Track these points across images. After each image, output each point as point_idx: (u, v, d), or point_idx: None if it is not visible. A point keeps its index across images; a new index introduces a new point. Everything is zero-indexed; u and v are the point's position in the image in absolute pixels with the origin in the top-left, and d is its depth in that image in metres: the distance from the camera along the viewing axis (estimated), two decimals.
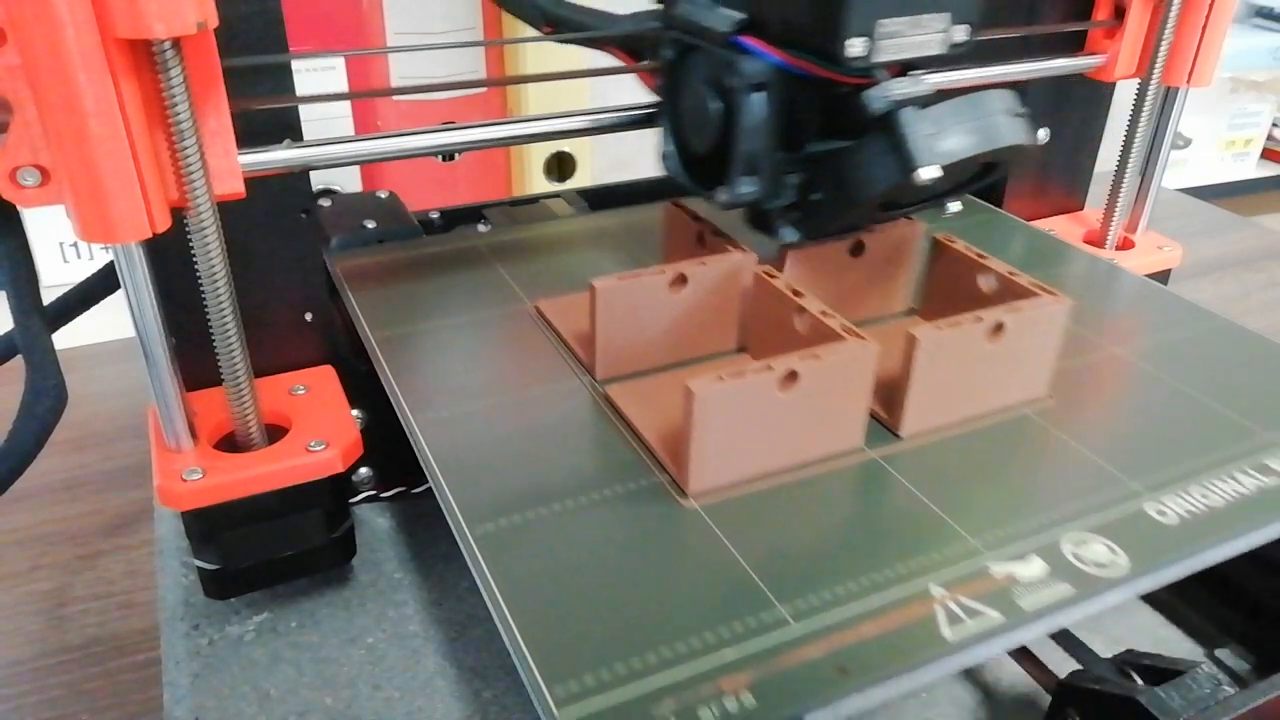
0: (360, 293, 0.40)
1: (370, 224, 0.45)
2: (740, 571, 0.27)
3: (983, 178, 0.35)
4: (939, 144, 0.31)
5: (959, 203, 0.36)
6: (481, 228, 0.48)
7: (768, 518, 0.29)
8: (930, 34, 0.30)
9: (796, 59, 0.31)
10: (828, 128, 0.34)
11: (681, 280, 0.35)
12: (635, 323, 0.35)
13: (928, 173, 0.30)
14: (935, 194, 0.35)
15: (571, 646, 0.25)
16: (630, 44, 0.39)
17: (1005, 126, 0.32)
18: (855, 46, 0.29)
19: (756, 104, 0.32)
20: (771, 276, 0.35)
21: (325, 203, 0.47)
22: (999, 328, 0.33)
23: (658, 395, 0.34)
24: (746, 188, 0.33)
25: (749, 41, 0.32)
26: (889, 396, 0.33)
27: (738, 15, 0.32)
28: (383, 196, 0.48)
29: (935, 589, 0.26)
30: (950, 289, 0.38)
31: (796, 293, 0.34)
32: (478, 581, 0.27)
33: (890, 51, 0.30)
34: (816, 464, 0.31)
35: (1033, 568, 0.27)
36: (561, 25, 0.41)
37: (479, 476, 0.30)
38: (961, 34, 0.31)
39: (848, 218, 0.35)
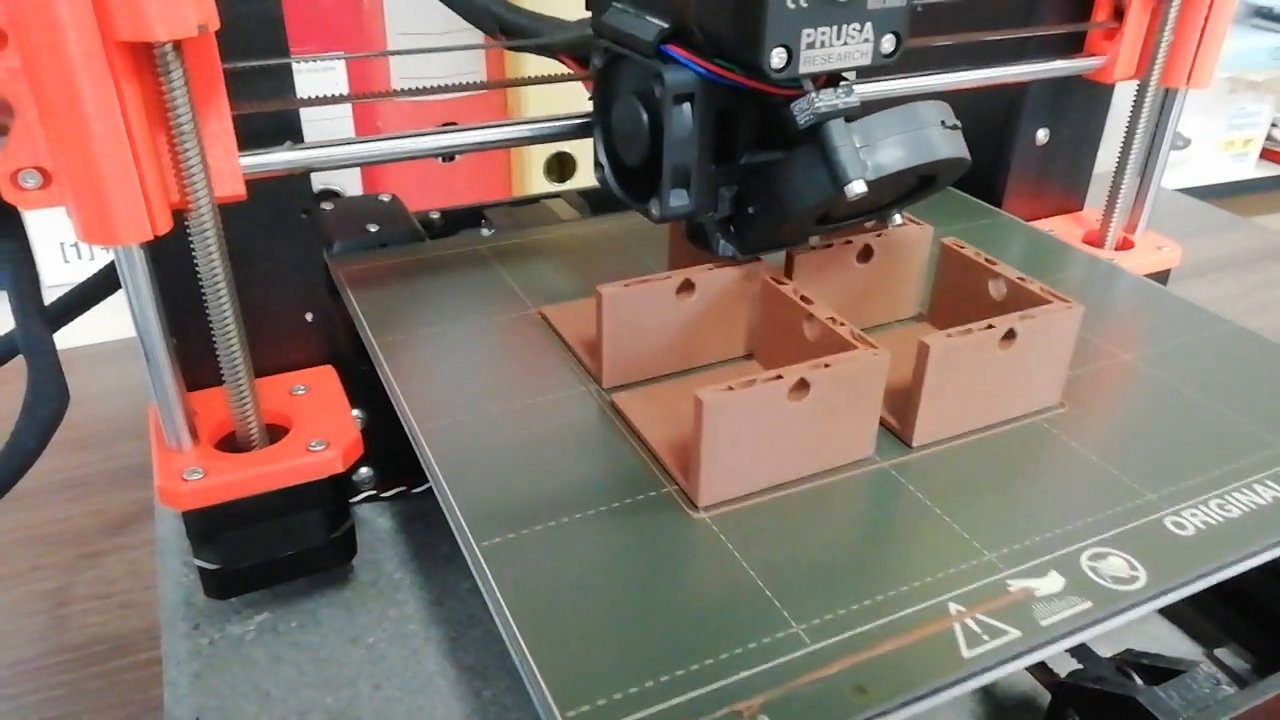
0: (363, 297, 0.40)
1: (373, 228, 0.45)
2: (753, 587, 0.27)
3: (922, 190, 0.35)
4: (869, 158, 0.30)
5: (899, 216, 0.35)
6: (484, 231, 0.47)
7: (779, 530, 0.29)
8: (856, 44, 0.30)
9: (722, 69, 0.31)
10: (762, 139, 0.33)
11: (689, 287, 0.35)
12: (642, 330, 0.35)
13: (856, 188, 0.30)
14: (875, 207, 0.35)
15: (583, 667, 0.24)
16: (575, 51, 0.39)
17: (938, 139, 0.31)
18: (777, 57, 0.29)
19: (683, 115, 0.31)
20: (780, 283, 0.35)
21: (327, 206, 0.47)
22: (1011, 335, 0.32)
23: (665, 403, 0.34)
24: (678, 201, 0.33)
25: (675, 51, 0.31)
26: (900, 405, 0.33)
27: (664, 24, 0.31)
28: (385, 200, 0.48)
29: (953, 606, 0.26)
30: (959, 295, 0.37)
31: (805, 299, 0.33)
32: (486, 597, 0.26)
33: (814, 62, 0.29)
34: (827, 474, 0.31)
35: (1051, 583, 0.27)
36: (513, 32, 0.41)
37: (485, 488, 0.30)
38: (889, 44, 0.30)
39: (784, 231, 0.34)
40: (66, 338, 0.36)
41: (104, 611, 0.43)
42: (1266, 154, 1.31)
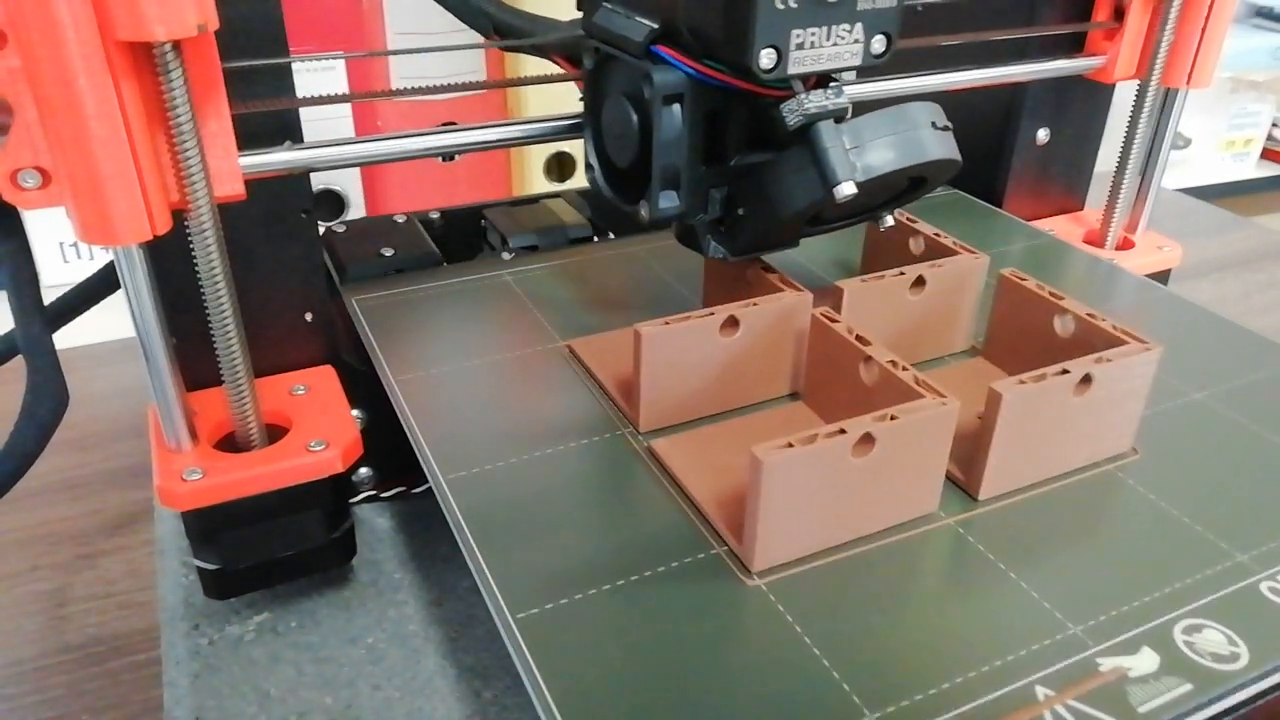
0: (380, 332, 0.38)
1: (388, 251, 0.43)
2: (818, 666, 0.24)
3: (913, 192, 0.34)
4: (859, 160, 0.30)
5: (891, 218, 0.35)
6: (505, 255, 0.45)
7: (842, 599, 0.27)
8: (846, 45, 0.29)
9: (711, 70, 0.30)
10: (754, 140, 0.33)
11: (733, 324, 0.33)
12: (682, 370, 0.33)
13: (845, 189, 0.29)
14: (867, 209, 0.35)
15: None
16: (569, 52, 0.38)
17: (929, 141, 0.31)
18: (767, 58, 0.28)
19: (673, 116, 0.31)
20: (832, 320, 0.33)
21: (339, 229, 0.45)
22: (1087, 380, 0.30)
23: (708, 451, 0.32)
24: (668, 202, 0.32)
25: (665, 52, 0.31)
26: (964, 455, 0.30)
27: (653, 25, 0.31)
28: (399, 220, 0.46)
29: (1040, 690, 0.24)
30: (1019, 329, 0.35)
31: (862, 340, 0.31)
32: (522, 674, 0.24)
33: (804, 63, 0.29)
34: (889, 533, 0.29)
35: (1144, 660, 0.25)
36: (506, 32, 0.40)
37: (518, 550, 0.28)
38: (880, 44, 0.30)
39: (775, 233, 0.34)
40: (66, 338, 0.36)
41: (103, 612, 0.43)
42: (1267, 154, 1.31)
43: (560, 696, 0.23)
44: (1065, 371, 0.30)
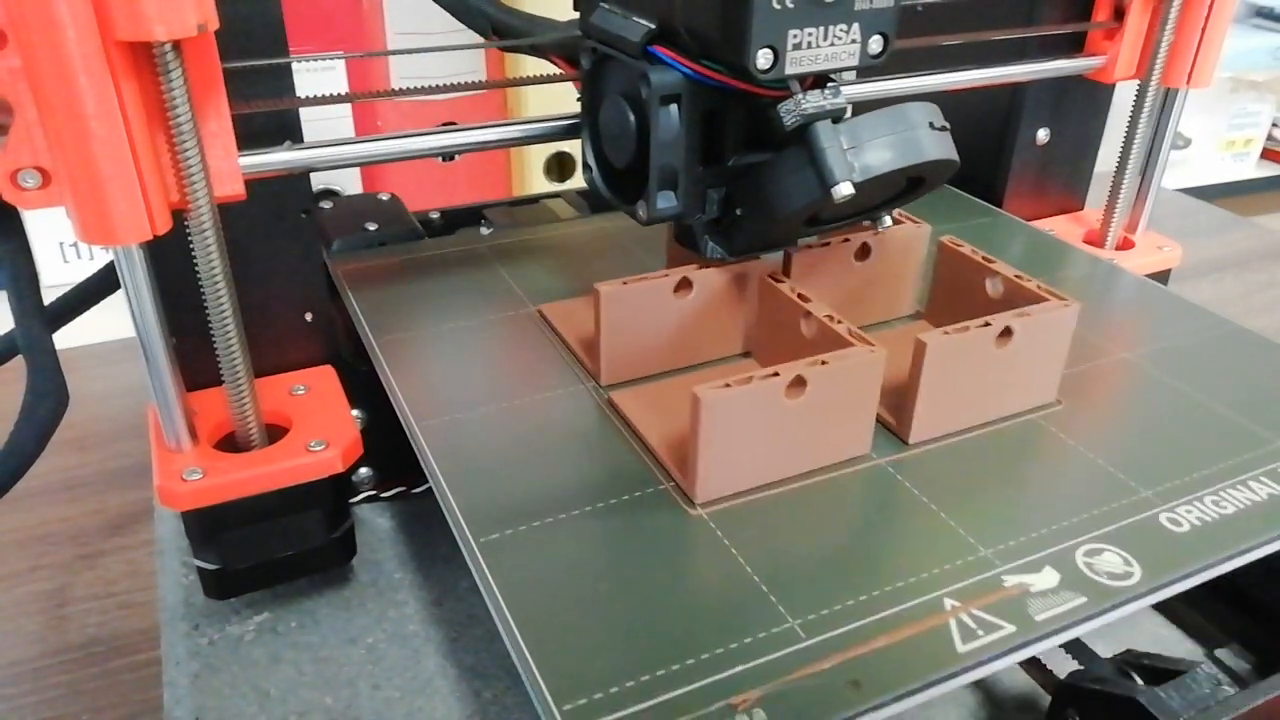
0: (362, 296, 0.40)
1: (372, 226, 0.45)
2: (750, 583, 0.27)
3: (911, 192, 0.34)
4: (856, 160, 0.30)
5: (889, 218, 0.35)
6: (483, 230, 0.48)
7: (776, 527, 0.29)
8: (843, 45, 0.29)
9: (708, 70, 0.30)
10: (751, 140, 0.33)
11: (686, 285, 0.35)
12: (640, 328, 0.35)
13: (843, 190, 0.29)
14: (864, 209, 0.34)
15: (579, 661, 0.24)
16: (566, 52, 0.39)
17: (927, 141, 0.31)
18: (764, 58, 0.28)
19: (670, 116, 0.31)
20: (777, 281, 0.35)
21: (326, 205, 0.47)
22: (1007, 333, 0.32)
23: (663, 401, 0.34)
24: (665, 203, 0.32)
25: (662, 52, 0.31)
26: (897, 403, 0.33)
27: (650, 25, 0.31)
28: (384, 199, 0.48)
29: (948, 601, 0.26)
30: (957, 293, 0.38)
31: (803, 297, 0.33)
32: (483, 593, 0.27)
33: (801, 63, 0.29)
34: (824, 472, 0.31)
35: (1045, 578, 0.27)
36: (505, 32, 0.40)
37: (483, 485, 0.30)
38: (877, 45, 0.30)
39: (773, 233, 0.34)
40: (66, 338, 0.36)
41: (103, 612, 0.43)
42: (1267, 154, 1.31)
43: (514, 606, 0.26)
44: (987, 324, 0.32)
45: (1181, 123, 0.50)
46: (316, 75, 0.69)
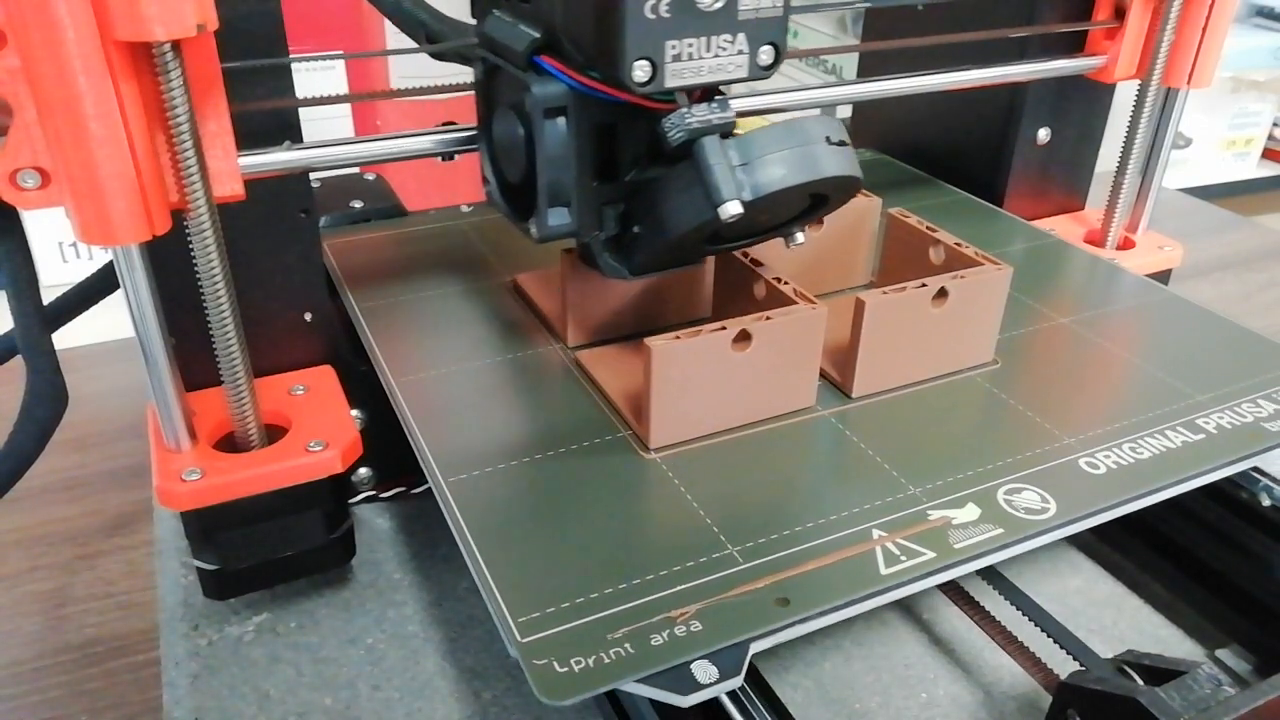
0: (346, 266, 0.42)
1: (357, 203, 0.47)
2: (695, 516, 0.29)
3: (815, 209, 0.33)
4: (748, 178, 0.29)
5: (802, 234, 0.34)
6: (464, 208, 0.50)
7: (723, 469, 0.31)
8: (729, 56, 0.28)
9: (593, 81, 0.29)
10: (652, 155, 0.32)
11: None
12: (604, 295, 0.37)
13: (730, 209, 0.28)
14: (767, 227, 0.33)
15: (535, 581, 0.27)
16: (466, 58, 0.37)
17: (824, 157, 0.30)
18: (641, 70, 0.27)
19: (557, 129, 0.30)
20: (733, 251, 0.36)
21: (315, 185, 0.47)
22: (943, 294, 0.34)
23: (625, 360, 0.36)
24: (557, 220, 0.31)
25: (547, 63, 0.29)
26: (841, 360, 0.35)
27: (535, 34, 0.30)
28: (370, 179, 0.50)
29: (875, 531, 0.29)
30: (904, 261, 0.39)
31: (755, 262, 0.35)
32: (450, 527, 0.29)
33: (683, 75, 0.28)
34: (772, 422, 0.33)
35: (967, 513, 0.30)
36: (438, 39, 0.39)
37: (455, 433, 0.32)
38: (767, 55, 0.29)
39: (673, 251, 0.33)
40: (65, 338, 0.35)
41: (102, 612, 0.42)
42: (1268, 153, 1.31)
43: (477, 533, 0.28)
44: (924, 285, 0.34)
45: (1182, 122, 0.50)
46: (316, 75, 0.69)
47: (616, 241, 0.33)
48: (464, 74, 0.36)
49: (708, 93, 0.30)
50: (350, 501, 0.41)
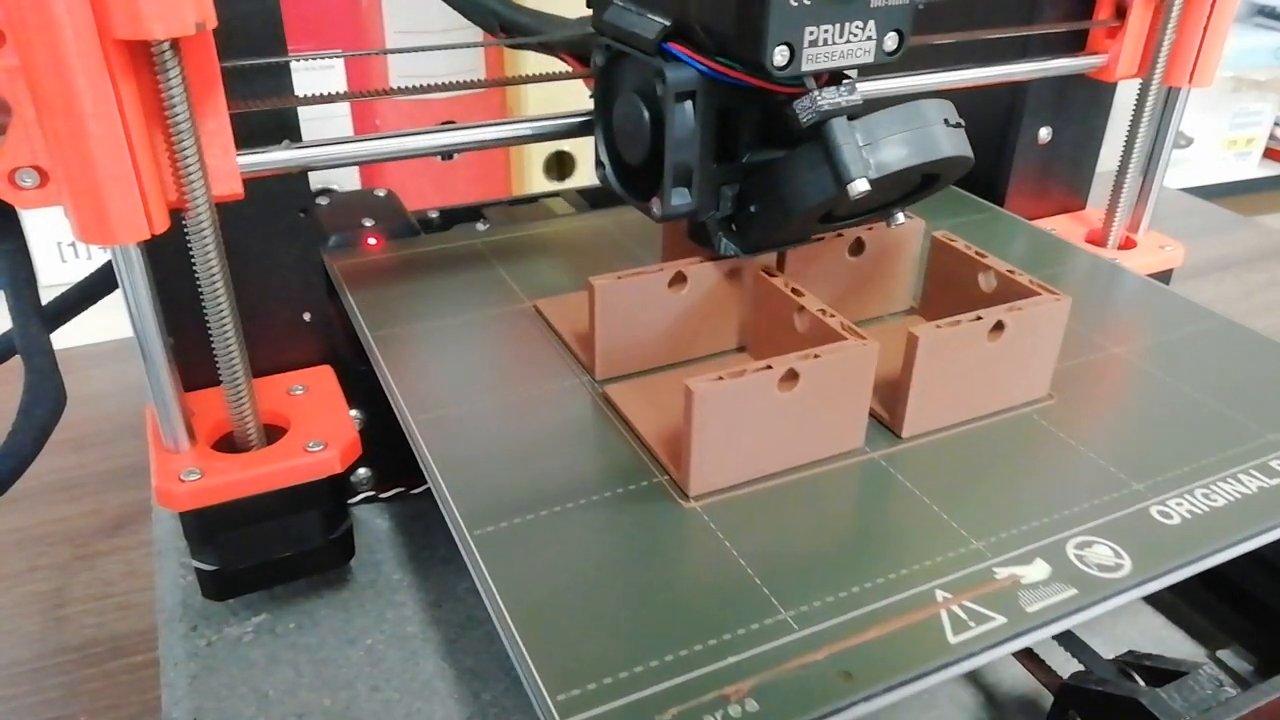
0: (358, 292, 0.40)
1: (368, 222, 0.45)
2: (742, 574, 0.27)
3: (925, 189, 0.34)
4: (872, 157, 0.30)
5: (902, 215, 0.35)
6: (480, 226, 0.48)
7: (769, 519, 0.29)
8: (859, 42, 0.30)
9: (724, 67, 0.30)
10: (765, 137, 0.33)
11: (681, 279, 0.35)
12: (634, 321, 0.35)
13: (859, 186, 0.29)
14: (878, 206, 0.34)
15: (574, 652, 0.24)
16: (576, 49, 0.39)
17: (942, 138, 0.31)
18: (780, 55, 0.28)
19: (685, 113, 0.31)
20: (771, 275, 0.35)
21: (323, 201, 0.47)
22: (999, 327, 0.32)
23: (657, 395, 0.34)
24: (679, 200, 0.32)
25: (677, 49, 0.31)
26: (890, 397, 0.33)
27: (665, 22, 0.31)
28: (380, 195, 0.48)
29: (939, 593, 0.26)
30: (950, 288, 0.38)
31: (796, 291, 0.33)
32: (478, 585, 0.27)
33: (817, 60, 0.29)
34: (818, 465, 0.31)
35: (1036, 570, 0.27)
36: (514, 30, 0.40)
37: (479, 478, 0.30)
38: (892, 41, 0.30)
39: (786, 230, 0.34)
40: (65, 337, 0.35)
41: (101, 613, 0.42)
42: (1269, 153, 1.31)
43: (509, 597, 0.26)
44: (979, 318, 0.32)
45: (1183, 122, 0.50)
46: (315, 74, 0.68)
47: (730, 221, 0.34)
48: (464, 74, 0.36)
49: (834, 76, 0.31)
50: (349, 502, 0.41)
